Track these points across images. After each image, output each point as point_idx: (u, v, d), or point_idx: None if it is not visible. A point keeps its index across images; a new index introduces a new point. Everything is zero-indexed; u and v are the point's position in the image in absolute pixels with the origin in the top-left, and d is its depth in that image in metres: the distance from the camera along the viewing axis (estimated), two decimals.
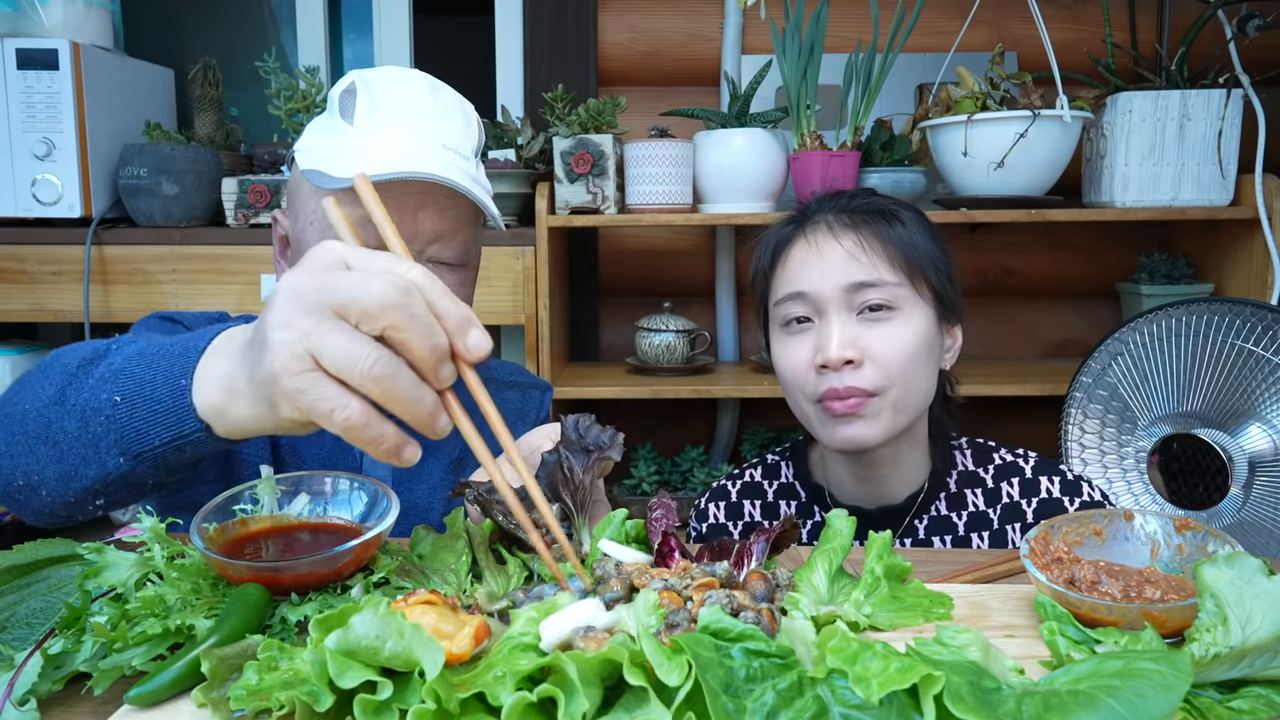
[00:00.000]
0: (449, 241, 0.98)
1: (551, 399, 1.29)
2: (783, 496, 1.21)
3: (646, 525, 0.76)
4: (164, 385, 0.66)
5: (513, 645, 0.57)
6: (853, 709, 0.49)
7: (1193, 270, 2.10)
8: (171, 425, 0.66)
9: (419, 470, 1.10)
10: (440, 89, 1.00)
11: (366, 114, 0.95)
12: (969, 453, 1.18)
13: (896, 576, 0.74)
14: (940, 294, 1.08)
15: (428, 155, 0.94)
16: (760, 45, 2.27)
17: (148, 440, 0.67)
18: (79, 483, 0.71)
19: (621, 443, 0.80)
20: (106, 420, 0.68)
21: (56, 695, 0.60)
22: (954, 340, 1.13)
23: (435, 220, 0.96)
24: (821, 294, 1.04)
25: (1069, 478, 1.14)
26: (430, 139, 0.96)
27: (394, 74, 0.98)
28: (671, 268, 2.35)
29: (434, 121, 0.97)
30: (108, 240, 1.91)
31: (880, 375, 1.03)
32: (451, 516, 0.82)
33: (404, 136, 0.95)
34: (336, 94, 0.98)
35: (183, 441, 0.67)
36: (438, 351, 0.57)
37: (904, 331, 1.04)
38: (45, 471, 0.72)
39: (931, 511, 1.14)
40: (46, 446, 0.72)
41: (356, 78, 0.97)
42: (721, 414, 2.31)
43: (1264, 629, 0.55)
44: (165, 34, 2.56)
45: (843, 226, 1.06)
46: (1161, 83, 1.90)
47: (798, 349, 1.07)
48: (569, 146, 1.94)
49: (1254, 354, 1.57)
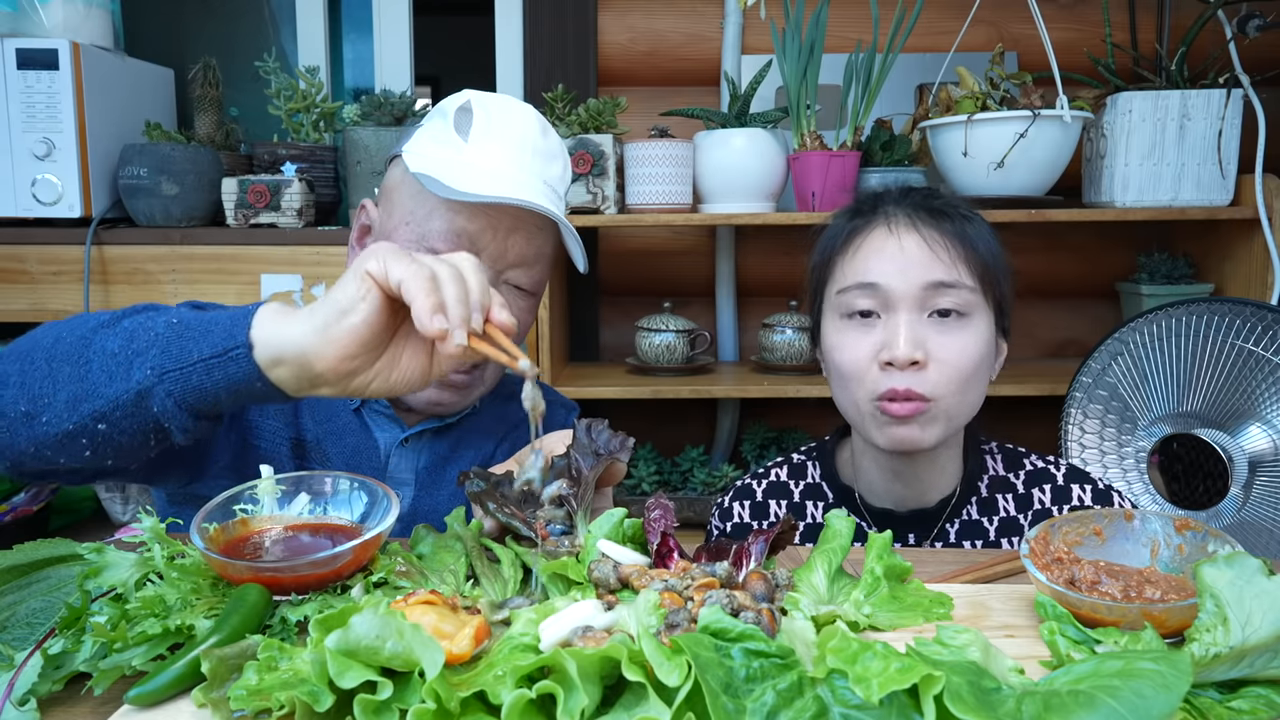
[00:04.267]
0: (529, 269, 1.04)
1: (576, 418, 1.29)
2: (809, 497, 1.19)
3: (644, 526, 0.76)
4: (222, 322, 0.72)
5: (513, 645, 0.57)
6: (853, 709, 0.49)
7: (1193, 270, 2.10)
8: (218, 342, 0.70)
9: (440, 476, 1.11)
10: (549, 129, 1.06)
11: (482, 135, 1.01)
12: (999, 457, 1.17)
13: (896, 576, 0.74)
14: (1002, 305, 1.06)
15: (534, 188, 1.00)
16: (760, 45, 2.27)
17: (186, 356, 0.71)
18: (90, 404, 0.72)
19: (631, 446, 0.82)
20: (155, 338, 0.72)
21: (56, 695, 0.60)
22: (1003, 352, 1.11)
23: (523, 246, 1.02)
24: (896, 289, 1.01)
25: (1100, 487, 1.13)
26: (536, 173, 1.02)
27: (510, 104, 1.04)
28: (671, 268, 2.35)
29: (543, 159, 1.03)
30: (108, 240, 1.91)
31: (942, 381, 1.01)
32: (451, 516, 0.83)
33: (514, 165, 1.01)
34: (451, 109, 1.02)
35: (221, 358, 0.70)
36: (479, 289, 0.72)
37: (972, 339, 1.02)
38: (57, 394, 0.73)
39: (963, 515, 1.13)
40: (72, 366, 0.74)
41: (473, 98, 1.03)
42: (721, 414, 2.31)
43: (1264, 629, 0.55)
44: (165, 34, 2.56)
45: (924, 220, 1.03)
46: (1161, 83, 1.90)
47: (860, 342, 1.04)
48: (569, 146, 1.94)
49: (1254, 354, 1.57)
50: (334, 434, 1.08)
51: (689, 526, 2.08)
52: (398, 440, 1.09)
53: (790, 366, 2.07)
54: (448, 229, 0.98)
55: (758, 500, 1.21)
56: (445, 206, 0.98)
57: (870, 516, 1.14)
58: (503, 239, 1.00)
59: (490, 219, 0.99)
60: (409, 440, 1.09)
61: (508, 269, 1.02)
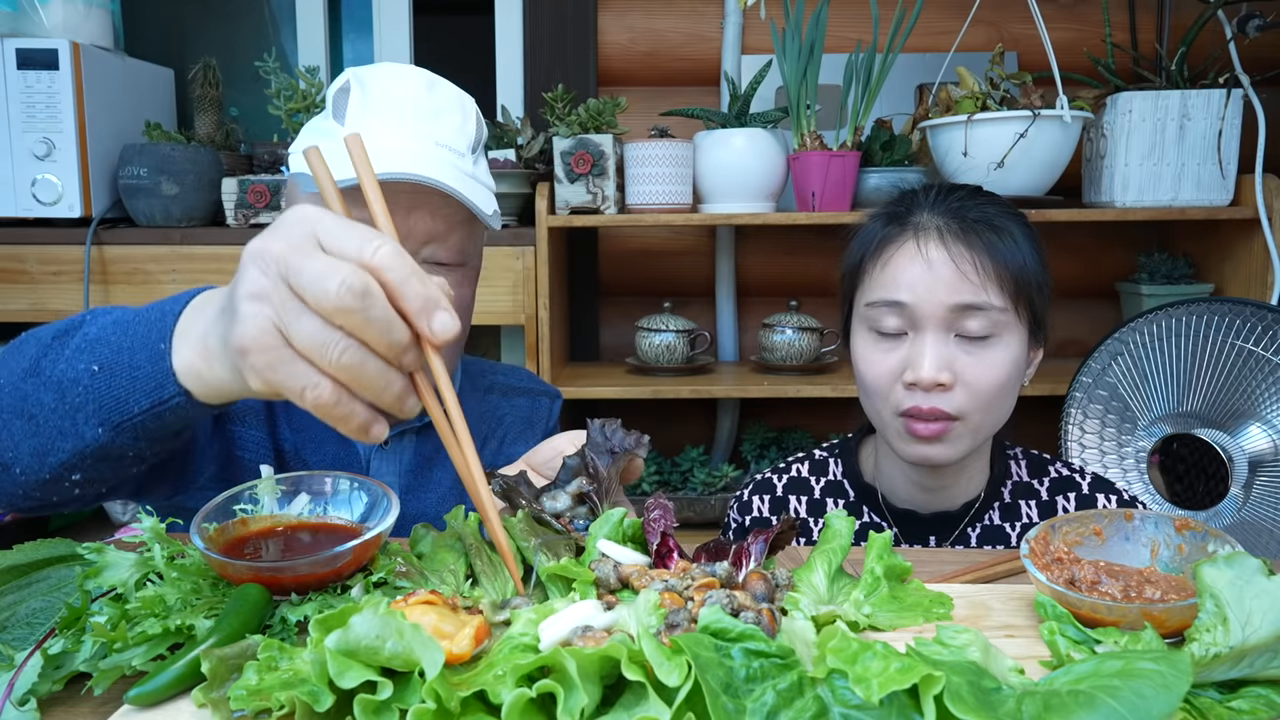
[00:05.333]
0: (444, 242, 0.97)
1: (561, 406, 1.29)
2: (830, 494, 1.18)
3: (644, 526, 0.76)
4: (142, 351, 0.66)
5: (513, 645, 0.57)
6: (853, 709, 0.49)
7: (1193, 270, 2.10)
8: (151, 391, 0.66)
9: (428, 479, 1.10)
10: (436, 84, 0.99)
11: (359, 113, 0.94)
12: (1024, 463, 1.16)
13: (896, 576, 0.74)
14: (1037, 317, 1.04)
15: (419, 154, 0.93)
16: (760, 45, 2.27)
17: (127, 409, 0.67)
18: (55, 457, 0.70)
19: (647, 443, 0.82)
20: (85, 390, 0.68)
21: (56, 695, 0.60)
22: (1036, 356, 1.09)
23: (428, 221, 0.95)
24: (923, 309, 1.00)
25: (1125, 497, 1.13)
26: (423, 136, 0.95)
27: (389, 70, 0.97)
28: (671, 268, 2.35)
29: (428, 119, 0.95)
30: (108, 240, 1.91)
31: (968, 401, 0.99)
32: (451, 515, 0.82)
33: (395, 135, 0.93)
34: (332, 92, 0.97)
35: (162, 408, 0.66)
36: (396, 347, 0.57)
37: (999, 360, 1.00)
38: (20, 448, 0.71)
39: (985, 520, 1.12)
40: (22, 421, 0.71)
41: (351, 75, 0.96)
42: (721, 414, 2.31)
43: (1264, 629, 0.55)
44: (165, 34, 2.56)
45: (954, 236, 1.00)
46: (1161, 83, 1.90)
47: (885, 358, 1.02)
48: (569, 146, 1.94)
49: (1254, 354, 1.57)
50: (312, 442, 1.06)
51: (689, 526, 2.08)
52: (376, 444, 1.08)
53: (790, 366, 2.07)
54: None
55: (778, 495, 1.20)
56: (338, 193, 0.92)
57: (892, 517, 1.14)
58: (404, 219, 0.93)
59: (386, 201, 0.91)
60: (389, 443, 1.07)
61: (421, 248, 0.96)
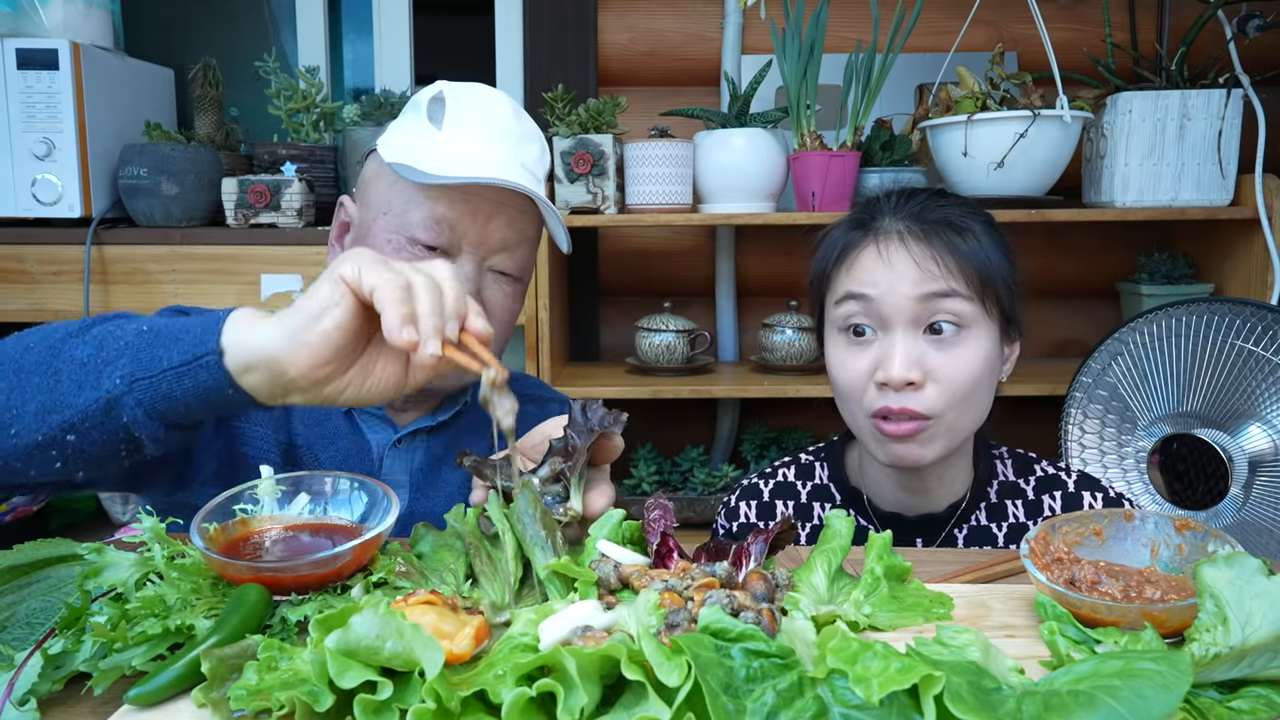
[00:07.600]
0: (513, 253, 1.02)
1: (571, 400, 1.29)
2: (817, 498, 1.18)
3: (644, 526, 0.76)
4: (196, 326, 0.71)
5: (513, 645, 0.57)
6: (853, 709, 0.49)
7: (1193, 270, 2.10)
8: (190, 347, 0.69)
9: (436, 477, 1.10)
10: (521, 113, 1.06)
11: (456, 121, 1.00)
12: (1009, 463, 1.16)
13: (896, 576, 0.74)
14: (1006, 313, 1.04)
15: (509, 168, 0.99)
16: (760, 45, 2.27)
17: (157, 363, 0.69)
18: (58, 415, 0.71)
19: (624, 421, 0.84)
20: (125, 346, 0.71)
21: (56, 695, 0.60)
22: (1012, 353, 1.09)
23: (505, 230, 1.00)
24: (888, 304, 1.00)
25: (1111, 494, 1.13)
26: (512, 155, 1.01)
27: (481, 91, 1.04)
28: (671, 268, 2.35)
29: (516, 141, 1.03)
30: (108, 240, 1.91)
31: (940, 399, 0.99)
32: (451, 514, 0.82)
33: (489, 148, 1.00)
34: (424, 99, 1.02)
35: (191, 365, 0.69)
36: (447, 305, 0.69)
37: (970, 355, 1.00)
38: (26, 405, 0.72)
39: (972, 521, 1.12)
40: (41, 376, 0.72)
41: (445, 88, 1.02)
42: (721, 414, 2.31)
43: (1264, 629, 0.55)
44: (165, 34, 2.56)
45: (914, 237, 1.01)
46: (1161, 83, 1.90)
47: (857, 360, 1.02)
48: (569, 146, 1.94)
49: (1254, 354, 1.57)
50: (325, 438, 1.07)
51: (689, 526, 2.08)
52: (390, 442, 1.08)
53: (790, 366, 2.07)
54: (427, 217, 0.97)
55: (764, 500, 1.20)
56: (423, 195, 0.97)
57: (879, 520, 1.14)
58: (483, 224, 0.99)
59: (469, 205, 0.97)
60: (402, 441, 1.09)
61: (491, 255, 1.01)
